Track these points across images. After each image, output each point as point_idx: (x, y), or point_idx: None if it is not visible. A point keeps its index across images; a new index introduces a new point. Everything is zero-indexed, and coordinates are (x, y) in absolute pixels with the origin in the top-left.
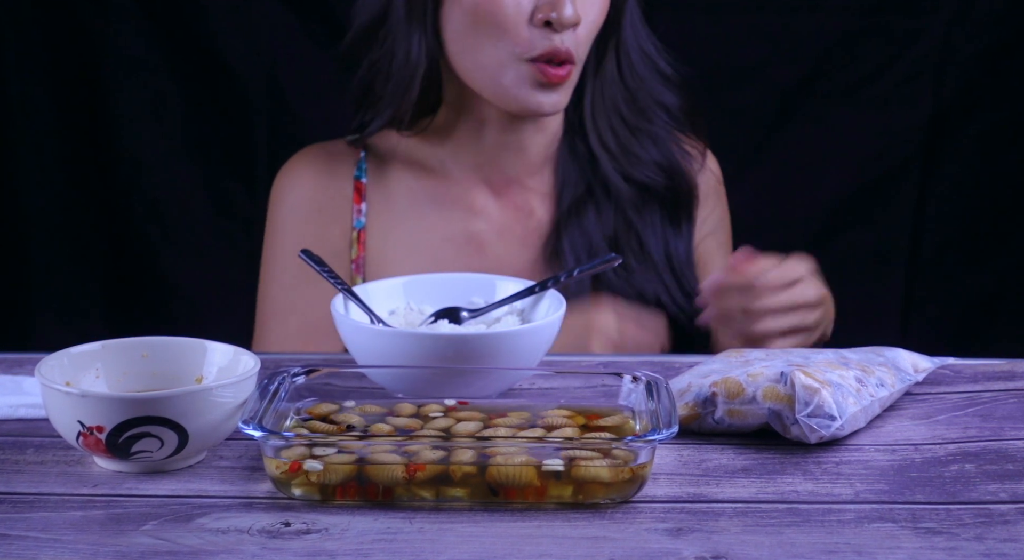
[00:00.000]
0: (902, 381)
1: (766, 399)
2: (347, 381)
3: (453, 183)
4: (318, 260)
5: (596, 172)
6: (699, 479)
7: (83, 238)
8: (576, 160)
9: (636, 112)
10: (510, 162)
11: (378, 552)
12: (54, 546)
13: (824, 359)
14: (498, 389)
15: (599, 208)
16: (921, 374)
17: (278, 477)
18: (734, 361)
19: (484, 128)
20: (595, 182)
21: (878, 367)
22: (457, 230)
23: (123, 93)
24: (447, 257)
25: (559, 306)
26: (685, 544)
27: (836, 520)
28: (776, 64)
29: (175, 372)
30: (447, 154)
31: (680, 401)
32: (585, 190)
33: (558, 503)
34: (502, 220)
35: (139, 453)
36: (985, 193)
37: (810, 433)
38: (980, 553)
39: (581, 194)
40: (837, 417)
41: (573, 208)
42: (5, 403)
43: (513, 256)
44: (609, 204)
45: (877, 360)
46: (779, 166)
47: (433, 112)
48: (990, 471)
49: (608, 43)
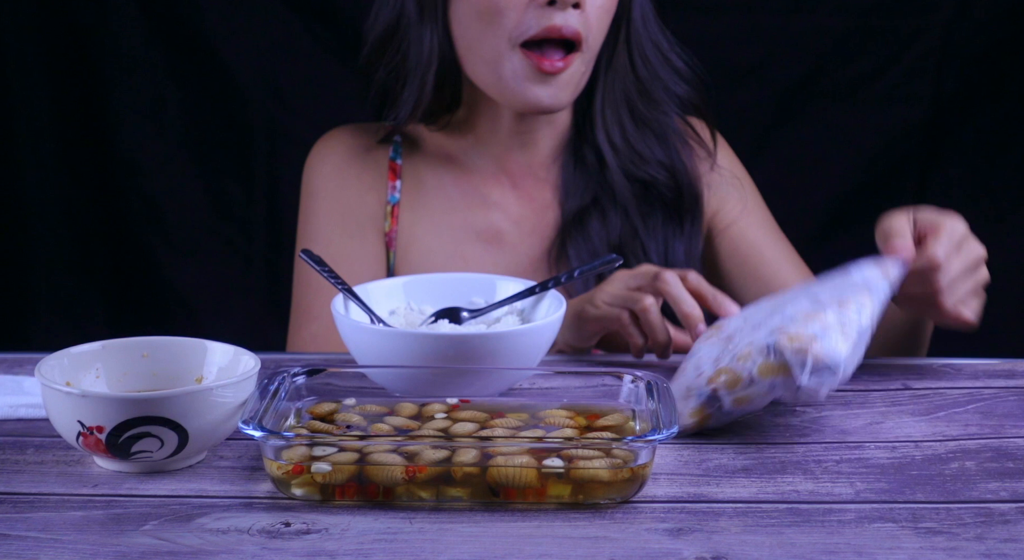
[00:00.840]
0: (879, 298)
1: (764, 376)
2: (347, 381)
3: (474, 175)
4: (318, 260)
5: (602, 174)
6: (699, 479)
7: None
8: (580, 162)
9: (648, 103)
10: (524, 156)
11: (378, 552)
12: (54, 546)
13: (801, 311)
14: (498, 389)
15: (604, 214)
16: (894, 275)
17: (279, 477)
18: (715, 342)
19: (498, 123)
20: (601, 185)
21: (852, 295)
22: (478, 218)
23: (123, 94)
24: (467, 243)
25: (559, 306)
26: (685, 544)
27: (836, 520)
28: (776, 64)
29: (175, 372)
30: (468, 146)
31: (686, 409)
32: (591, 197)
33: (558, 503)
34: (519, 211)
35: (139, 453)
36: (984, 192)
37: (819, 390)
38: (980, 553)
39: (587, 203)
40: (836, 365)
41: (577, 216)
42: (5, 403)
43: (530, 246)
44: (614, 209)
45: (848, 286)
46: (779, 165)
47: (453, 108)
48: (990, 469)
49: (619, 35)
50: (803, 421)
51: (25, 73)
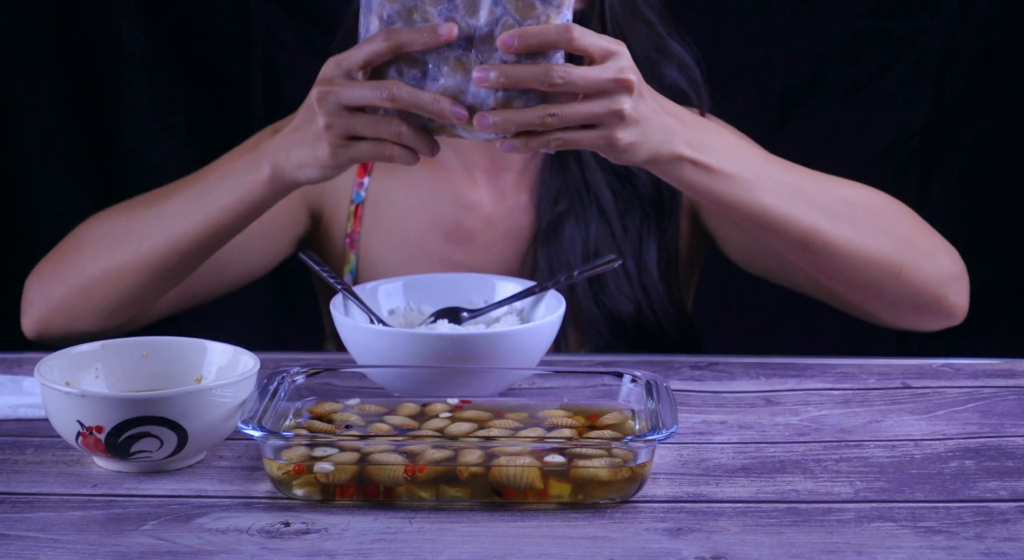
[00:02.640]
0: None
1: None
2: (347, 381)
3: (449, 172)
4: (318, 260)
5: (580, 171)
6: (699, 479)
7: None
8: (559, 159)
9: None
10: (500, 154)
11: (378, 552)
12: (54, 546)
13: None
14: (498, 389)
15: (580, 218)
16: None
17: (278, 477)
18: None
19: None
20: (579, 183)
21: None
22: (448, 217)
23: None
24: (435, 242)
25: (559, 306)
26: (685, 544)
27: (836, 519)
28: (777, 66)
29: (175, 372)
30: (446, 144)
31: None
32: (568, 201)
33: (558, 503)
34: (492, 212)
35: (139, 453)
36: (985, 193)
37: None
38: (980, 552)
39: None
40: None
41: (553, 222)
42: (5, 403)
43: (502, 249)
44: (592, 211)
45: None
46: None
47: None
48: (990, 468)
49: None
50: (803, 420)
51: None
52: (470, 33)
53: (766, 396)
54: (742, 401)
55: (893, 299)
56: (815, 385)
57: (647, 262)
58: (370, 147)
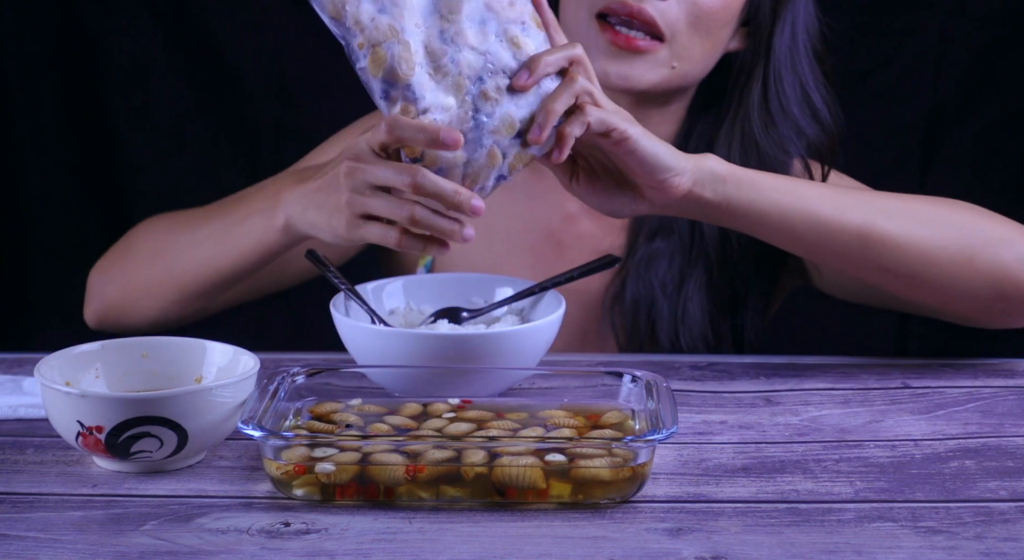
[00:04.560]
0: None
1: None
2: (347, 381)
3: (553, 179)
4: (322, 260)
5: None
6: (699, 479)
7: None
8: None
9: (772, 142)
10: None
11: (378, 552)
12: (54, 546)
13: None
14: (498, 389)
15: (672, 253)
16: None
17: (278, 477)
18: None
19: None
20: (682, 225)
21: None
22: (541, 224)
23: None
24: (517, 248)
25: (559, 306)
26: (685, 544)
27: (836, 520)
28: None
29: (175, 372)
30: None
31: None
32: (666, 232)
33: (558, 503)
34: (587, 228)
35: (139, 453)
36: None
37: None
38: (980, 552)
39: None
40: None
41: (646, 254)
42: (5, 403)
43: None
44: (681, 248)
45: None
46: None
47: None
48: (990, 468)
49: (758, 60)
50: (803, 420)
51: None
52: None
53: (766, 396)
54: (742, 401)
55: (973, 291)
56: (815, 385)
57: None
58: (380, 231)
